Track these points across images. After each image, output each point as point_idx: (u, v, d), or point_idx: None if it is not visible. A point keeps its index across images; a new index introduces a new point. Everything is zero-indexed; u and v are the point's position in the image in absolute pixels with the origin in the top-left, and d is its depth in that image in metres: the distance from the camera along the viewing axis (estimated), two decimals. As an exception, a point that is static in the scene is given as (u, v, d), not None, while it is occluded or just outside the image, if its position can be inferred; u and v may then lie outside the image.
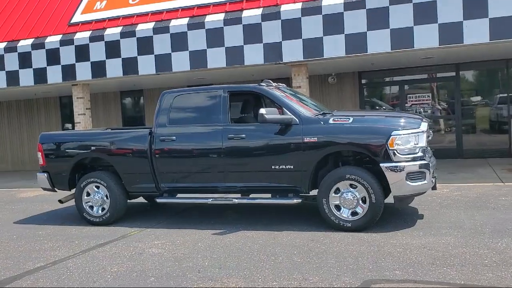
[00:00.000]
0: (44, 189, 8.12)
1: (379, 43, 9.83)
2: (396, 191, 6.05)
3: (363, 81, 14.08)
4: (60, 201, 8.07)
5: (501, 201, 7.57)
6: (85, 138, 7.67)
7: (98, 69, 12.06)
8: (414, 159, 6.05)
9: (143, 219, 7.69)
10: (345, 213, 6.24)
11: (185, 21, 11.27)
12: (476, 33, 9.24)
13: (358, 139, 6.14)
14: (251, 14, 10.69)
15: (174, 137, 7.02)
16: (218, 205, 8.13)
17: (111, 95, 16.60)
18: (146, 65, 11.58)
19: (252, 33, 10.67)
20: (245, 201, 7.05)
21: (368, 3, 9.85)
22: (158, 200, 7.24)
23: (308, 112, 6.67)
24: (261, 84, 7.12)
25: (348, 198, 6.18)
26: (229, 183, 6.85)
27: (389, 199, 6.39)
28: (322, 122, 6.39)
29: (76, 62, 12.29)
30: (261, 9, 10.70)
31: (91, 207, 7.56)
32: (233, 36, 10.81)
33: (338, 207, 6.28)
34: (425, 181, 6.11)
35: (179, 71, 11.42)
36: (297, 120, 6.45)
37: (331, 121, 6.37)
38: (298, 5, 10.38)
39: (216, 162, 6.84)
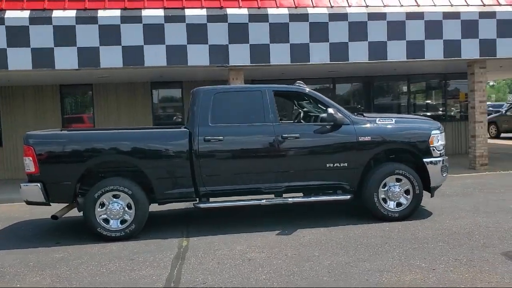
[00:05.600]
0: (30, 203, 6.50)
1: (319, 54, 10.78)
2: (433, 182, 7.07)
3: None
4: (55, 217, 6.56)
5: (473, 187, 9.42)
6: (105, 138, 6.48)
7: (-4, 58, 9.85)
8: (442, 155, 7.18)
9: (161, 230, 6.90)
10: (391, 205, 6.95)
11: (116, 12, 10.16)
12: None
13: (407, 138, 6.97)
14: (195, 14, 10.38)
15: (221, 137, 6.59)
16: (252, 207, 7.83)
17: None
18: (67, 58, 10.00)
19: (197, 33, 10.34)
20: (300, 199, 7.05)
21: (310, 17, 10.71)
22: (202, 206, 6.64)
23: (348, 113, 7.14)
24: (297, 85, 7.27)
25: (395, 191, 6.91)
26: (276, 183, 6.80)
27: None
28: (371, 123, 6.97)
29: (-42, 47, 9.77)
30: (205, 9, 10.48)
31: (106, 220, 6.44)
32: (175, 34, 10.28)
33: (384, 200, 6.94)
34: (447, 173, 7.30)
35: (110, 67, 10.23)
36: (347, 120, 6.88)
37: (378, 121, 7.02)
38: (245, 11, 10.57)
39: (267, 162, 6.73)
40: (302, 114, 8.06)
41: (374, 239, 6.01)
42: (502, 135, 22.50)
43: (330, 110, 6.64)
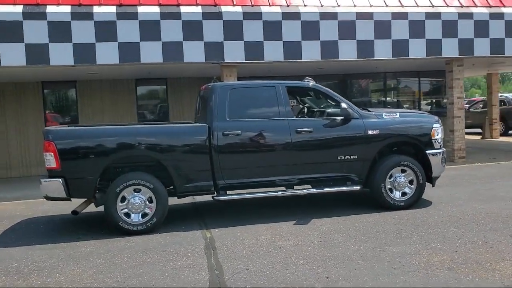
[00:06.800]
0: (50, 198, 6.49)
1: (311, 52, 11.13)
2: (435, 172, 7.54)
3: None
4: (75, 212, 6.59)
5: (459, 178, 9.93)
6: (129, 133, 6.54)
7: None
8: (441, 147, 7.66)
9: (177, 223, 7.04)
10: (397, 195, 7.37)
11: (112, 9, 10.13)
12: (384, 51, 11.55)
13: (412, 131, 7.41)
14: (190, 11, 10.49)
15: (239, 131, 6.80)
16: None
17: None
18: (63, 54, 9.88)
19: (193, 30, 10.46)
20: (313, 191, 7.32)
21: (302, 16, 11.04)
22: (222, 198, 6.83)
23: (356, 108, 7.48)
24: (306, 81, 7.56)
25: (401, 181, 7.33)
26: (290, 175, 7.07)
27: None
28: (378, 117, 7.35)
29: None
30: (200, 7, 10.60)
31: (127, 214, 6.53)
32: (171, 31, 10.36)
33: (390, 190, 7.34)
34: (445, 164, 7.78)
35: (106, 63, 10.18)
36: (356, 114, 7.24)
37: (384, 116, 7.41)
38: (239, 8, 10.76)
39: (283, 156, 6.99)
40: (305, 110, 8.36)
41: (389, 226, 6.39)
42: (466, 130, 23.59)
43: (344, 105, 6.98)
